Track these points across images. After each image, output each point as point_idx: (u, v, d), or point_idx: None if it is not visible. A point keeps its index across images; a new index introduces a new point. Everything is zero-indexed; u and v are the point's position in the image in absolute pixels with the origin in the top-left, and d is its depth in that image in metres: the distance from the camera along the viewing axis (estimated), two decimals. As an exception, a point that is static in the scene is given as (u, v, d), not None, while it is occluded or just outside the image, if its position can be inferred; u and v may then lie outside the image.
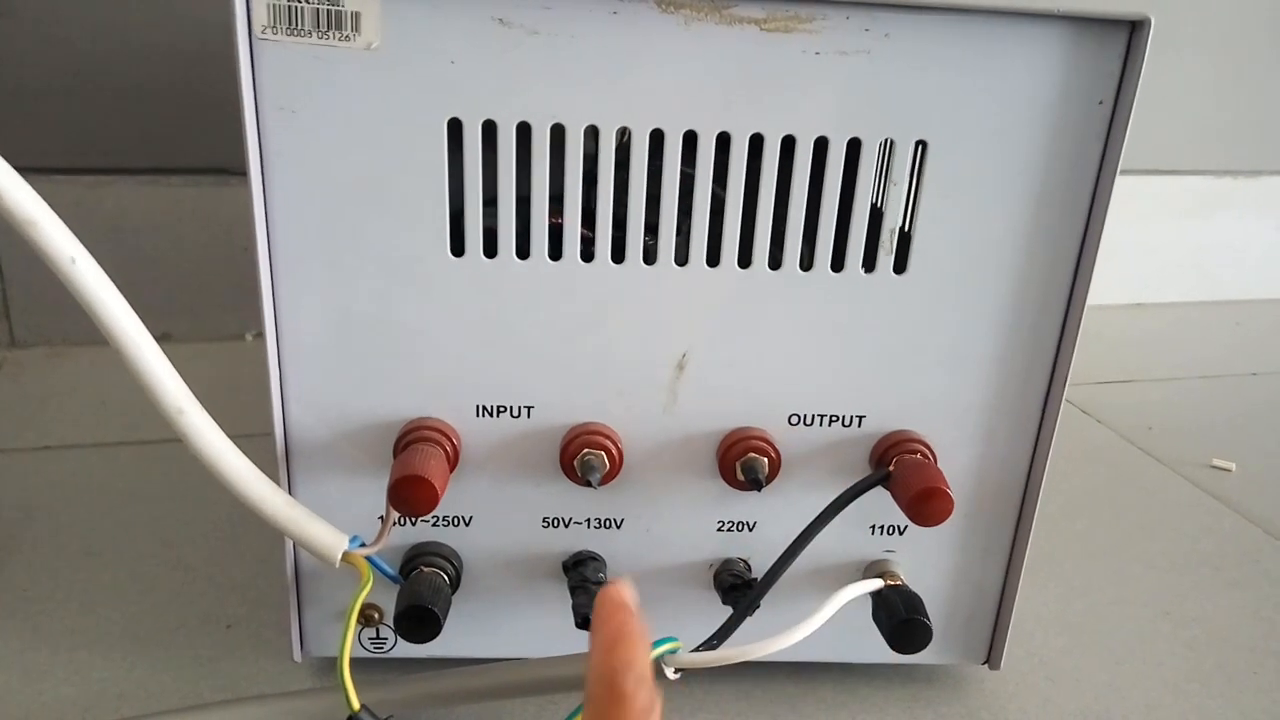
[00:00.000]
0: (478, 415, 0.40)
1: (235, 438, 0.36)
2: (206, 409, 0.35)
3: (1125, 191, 0.37)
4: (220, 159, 0.79)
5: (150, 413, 0.33)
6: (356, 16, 0.34)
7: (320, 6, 0.34)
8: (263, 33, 0.34)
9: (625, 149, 0.36)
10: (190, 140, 0.78)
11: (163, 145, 0.78)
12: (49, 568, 0.52)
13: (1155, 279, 1.06)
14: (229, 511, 0.56)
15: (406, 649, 0.43)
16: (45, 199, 0.30)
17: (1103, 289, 0.38)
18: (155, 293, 0.80)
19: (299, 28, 0.34)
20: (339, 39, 0.34)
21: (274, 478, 0.37)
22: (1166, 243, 1.04)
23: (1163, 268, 1.06)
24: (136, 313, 0.33)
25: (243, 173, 0.35)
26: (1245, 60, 1.01)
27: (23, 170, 0.30)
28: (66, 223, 0.31)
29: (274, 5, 0.34)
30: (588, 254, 0.38)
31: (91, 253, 0.31)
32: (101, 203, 0.78)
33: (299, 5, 0.34)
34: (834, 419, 0.41)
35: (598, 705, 0.26)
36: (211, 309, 0.82)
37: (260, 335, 0.38)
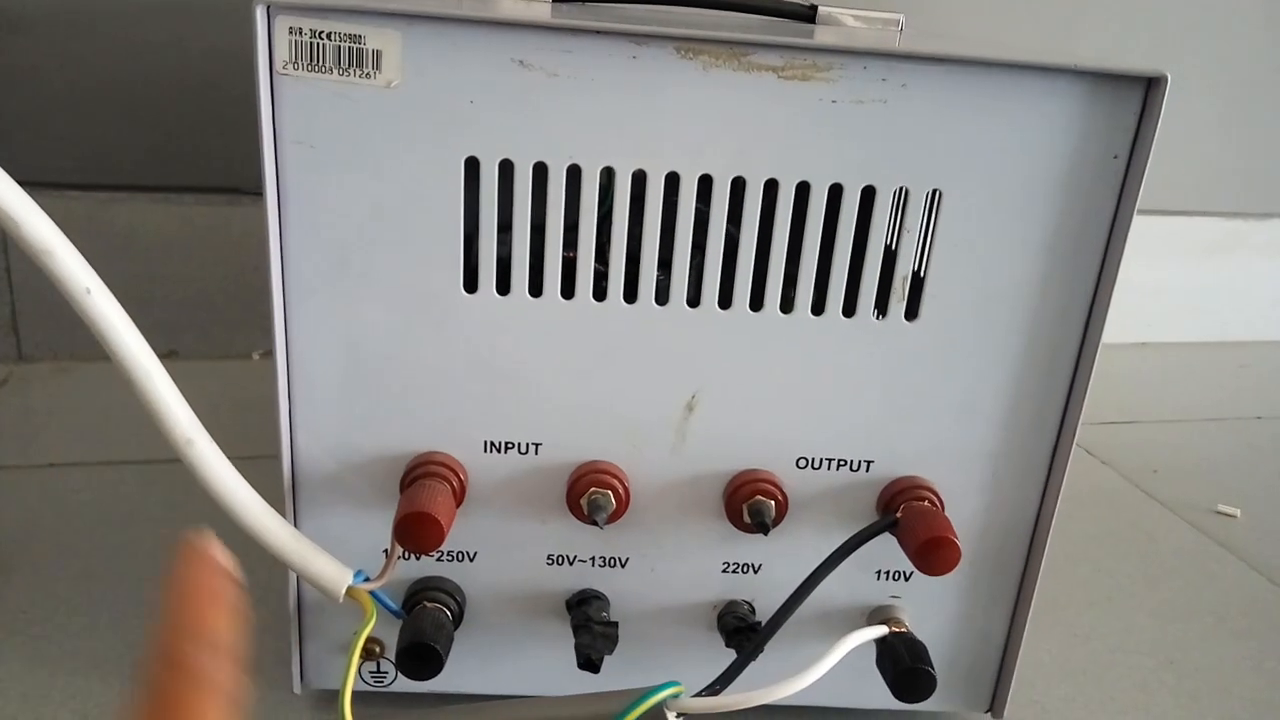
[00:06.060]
0: (485, 451, 0.40)
1: (240, 459, 0.35)
2: (212, 428, 0.34)
3: (1133, 231, 0.37)
4: (232, 178, 0.79)
5: (156, 432, 0.33)
6: (378, 55, 0.34)
7: (342, 44, 0.34)
8: (284, 68, 0.34)
9: (640, 183, 0.36)
10: (203, 159, 0.79)
11: (175, 163, 0.79)
12: (49, 589, 0.52)
13: (1162, 319, 1.06)
14: (232, 535, 0.55)
15: (407, 684, 0.43)
16: (57, 215, 0.30)
17: (1109, 328, 0.39)
18: (163, 309, 0.80)
19: (320, 64, 0.34)
20: (360, 76, 0.34)
21: (279, 507, 0.37)
22: (1174, 283, 1.04)
23: (1170, 308, 1.05)
24: (144, 329, 0.33)
25: (254, 192, 0.35)
26: (1256, 103, 1.01)
27: (35, 185, 0.30)
28: (78, 239, 0.31)
29: (296, 41, 0.34)
30: (600, 293, 0.38)
31: (101, 268, 0.31)
32: (113, 219, 0.78)
33: (320, 42, 0.34)
34: (842, 463, 0.41)
35: (154, 683, 0.20)
36: (219, 327, 0.82)
37: (267, 354, 0.38)
